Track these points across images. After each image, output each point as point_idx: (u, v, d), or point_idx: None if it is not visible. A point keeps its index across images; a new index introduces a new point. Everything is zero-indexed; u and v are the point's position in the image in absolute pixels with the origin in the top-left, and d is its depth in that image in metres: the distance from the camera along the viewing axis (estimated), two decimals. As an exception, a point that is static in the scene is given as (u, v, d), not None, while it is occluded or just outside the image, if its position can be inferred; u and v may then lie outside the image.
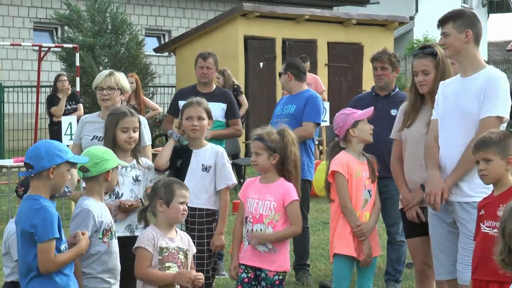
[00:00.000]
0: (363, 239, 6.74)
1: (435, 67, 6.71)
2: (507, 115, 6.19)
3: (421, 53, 6.84)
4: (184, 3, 26.17)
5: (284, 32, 21.99)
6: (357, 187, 6.80)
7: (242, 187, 6.75)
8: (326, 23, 23.01)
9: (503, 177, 5.57)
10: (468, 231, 5.98)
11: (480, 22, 6.38)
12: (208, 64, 9.74)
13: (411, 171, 6.79)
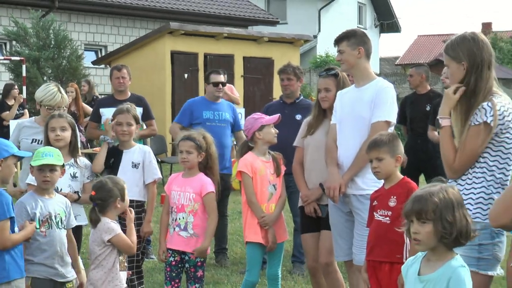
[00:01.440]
0: (267, 228, 6.75)
1: (336, 85, 6.74)
2: (394, 119, 6.26)
3: (325, 73, 6.89)
4: (118, 21, 25.96)
5: (205, 47, 21.98)
6: (262, 183, 6.80)
7: (167, 182, 6.75)
8: (242, 40, 23.05)
9: (392, 173, 5.61)
10: (362, 219, 6.02)
11: (370, 40, 6.44)
12: (122, 74, 9.80)
13: (312, 172, 6.80)
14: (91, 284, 5.68)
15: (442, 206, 3.78)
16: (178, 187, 6.55)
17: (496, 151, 4.69)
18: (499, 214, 3.32)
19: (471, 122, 4.67)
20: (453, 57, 4.80)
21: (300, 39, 24.44)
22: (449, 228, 3.77)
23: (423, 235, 3.82)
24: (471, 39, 4.78)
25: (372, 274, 5.55)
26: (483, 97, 4.69)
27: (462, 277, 3.74)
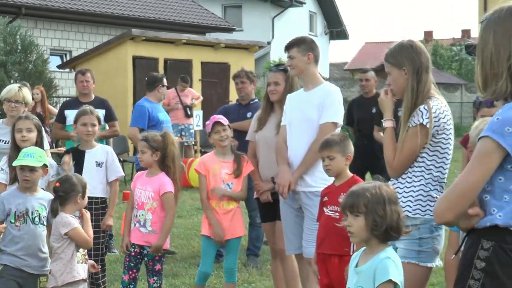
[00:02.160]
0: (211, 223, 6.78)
1: (285, 80, 6.77)
2: (341, 121, 6.29)
3: (275, 68, 6.93)
4: (82, 28, 25.77)
5: (165, 53, 21.92)
6: (215, 181, 6.81)
7: (133, 179, 6.76)
8: (200, 46, 23.01)
9: (343, 171, 5.64)
10: (311, 214, 6.03)
11: (318, 46, 6.47)
12: (86, 78, 9.82)
13: (264, 165, 6.83)
14: (52, 275, 5.66)
15: (374, 201, 3.81)
16: (140, 185, 6.54)
17: (433, 151, 4.73)
18: (443, 212, 3.32)
19: (409, 124, 4.70)
20: (394, 64, 4.82)
21: (254, 45, 24.47)
22: (380, 222, 3.79)
23: (355, 228, 3.86)
24: (409, 46, 4.82)
25: (321, 266, 5.56)
26: (422, 99, 4.72)
27: (387, 267, 3.76)
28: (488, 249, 3.30)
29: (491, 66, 3.36)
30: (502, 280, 3.27)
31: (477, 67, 3.46)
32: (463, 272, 3.36)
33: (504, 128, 3.22)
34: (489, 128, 3.26)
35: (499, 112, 3.29)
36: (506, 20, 3.36)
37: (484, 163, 3.25)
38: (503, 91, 3.35)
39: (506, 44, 3.32)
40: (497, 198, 3.31)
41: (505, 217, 3.28)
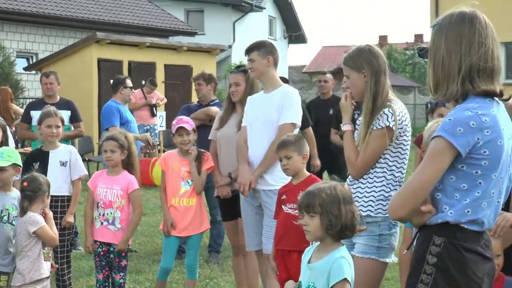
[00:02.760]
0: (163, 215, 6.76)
1: (245, 80, 6.77)
2: (299, 122, 6.29)
3: (235, 70, 6.94)
4: (48, 31, 25.53)
5: (129, 56, 21.86)
6: (173, 178, 6.76)
7: (90, 178, 6.67)
8: (163, 49, 22.99)
9: (300, 170, 5.63)
10: (271, 212, 6.01)
11: (277, 50, 6.47)
12: (50, 80, 9.80)
13: (225, 162, 6.81)
14: (19, 273, 5.61)
15: (329, 201, 3.81)
16: (104, 185, 6.47)
17: (395, 152, 4.74)
18: (397, 208, 3.33)
19: (373, 126, 4.69)
20: (353, 67, 4.80)
21: (216, 49, 24.50)
22: (335, 222, 3.80)
23: (311, 227, 3.86)
24: (368, 50, 4.82)
25: (280, 262, 5.55)
26: (381, 101, 4.72)
27: (342, 266, 3.78)
28: (440, 245, 3.31)
29: (443, 69, 3.37)
30: (452, 275, 3.28)
31: (429, 70, 3.46)
32: (415, 266, 3.37)
33: (456, 129, 3.23)
34: (441, 129, 3.27)
35: (451, 113, 3.30)
36: (456, 25, 3.37)
37: (436, 163, 3.26)
38: (453, 94, 3.36)
39: (457, 48, 3.34)
40: (448, 196, 3.32)
41: (455, 214, 3.30)
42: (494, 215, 3.38)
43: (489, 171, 3.29)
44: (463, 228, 3.30)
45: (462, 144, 3.22)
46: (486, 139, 3.25)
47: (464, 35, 3.34)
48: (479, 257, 3.33)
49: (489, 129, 3.26)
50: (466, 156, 3.25)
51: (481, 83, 3.32)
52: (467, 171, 3.28)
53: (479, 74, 3.32)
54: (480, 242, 3.35)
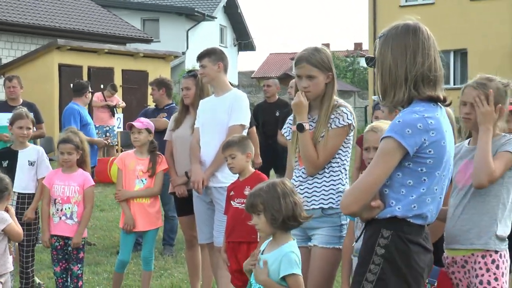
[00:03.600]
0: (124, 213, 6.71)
1: (195, 84, 6.77)
2: (248, 123, 6.32)
3: (186, 75, 6.94)
4: (11, 37, 25.04)
5: (89, 61, 21.70)
6: (129, 176, 6.73)
7: (46, 176, 6.58)
8: (121, 55, 22.85)
9: (245, 168, 5.65)
10: (221, 207, 6.01)
11: (227, 57, 6.46)
12: (13, 84, 9.76)
13: (180, 161, 6.78)
14: None
15: (269, 198, 3.85)
16: (61, 182, 6.39)
17: (346, 148, 4.70)
18: (349, 204, 3.35)
19: (331, 124, 4.63)
20: (321, 69, 4.65)
21: (170, 55, 24.42)
22: (277, 216, 3.83)
23: (260, 225, 3.89)
24: (329, 53, 4.76)
25: (231, 254, 5.56)
26: (332, 101, 4.68)
27: (291, 260, 3.82)
28: (388, 237, 3.33)
29: (390, 77, 3.39)
30: (399, 265, 3.31)
31: (377, 78, 3.48)
32: (365, 257, 3.39)
33: (405, 130, 3.26)
34: (391, 130, 3.30)
35: (400, 116, 3.32)
36: (401, 36, 3.40)
37: (386, 161, 3.28)
38: (400, 100, 3.39)
39: (403, 58, 3.36)
40: (395, 191, 3.35)
41: (403, 209, 3.32)
42: (436, 210, 3.42)
43: (433, 169, 3.33)
44: (409, 222, 3.33)
45: (410, 144, 3.26)
46: (432, 140, 3.29)
47: (409, 46, 3.37)
48: (421, 249, 3.38)
49: (434, 131, 3.29)
50: (413, 155, 3.29)
51: (425, 89, 3.36)
52: (413, 169, 3.32)
53: (424, 82, 3.36)
54: (422, 235, 3.40)
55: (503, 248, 4.00)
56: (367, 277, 3.34)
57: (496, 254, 3.96)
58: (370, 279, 3.33)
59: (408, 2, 30.86)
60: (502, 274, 3.93)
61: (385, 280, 3.31)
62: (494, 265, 3.95)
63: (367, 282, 3.33)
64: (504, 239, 3.99)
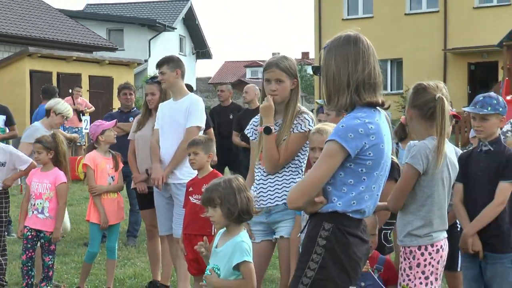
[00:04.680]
0: (100, 212, 6.61)
1: (159, 90, 6.71)
2: (203, 125, 6.29)
3: (150, 81, 6.89)
4: (-15, 45, 24.71)
5: (58, 68, 21.49)
6: (101, 175, 6.67)
7: (29, 175, 6.48)
8: (88, 62, 22.64)
9: (205, 166, 5.61)
10: (180, 202, 6.00)
11: (184, 64, 6.43)
12: None
13: (142, 160, 6.73)
14: None
15: (225, 193, 3.83)
16: (37, 179, 6.32)
17: (304, 151, 4.67)
18: (295, 199, 3.36)
19: (294, 129, 4.60)
20: (289, 74, 4.62)
21: (134, 62, 24.30)
22: (233, 209, 3.82)
23: (215, 217, 3.87)
24: (295, 63, 4.73)
25: (188, 245, 5.54)
26: (297, 108, 4.66)
27: (243, 249, 3.81)
28: (329, 230, 3.35)
29: (334, 84, 3.40)
30: (338, 255, 3.34)
31: (323, 85, 3.49)
32: (307, 248, 3.40)
33: (347, 134, 3.27)
34: (335, 133, 3.31)
35: (344, 121, 3.33)
36: (343, 47, 3.41)
37: (329, 162, 3.29)
38: (343, 104, 3.40)
39: (345, 66, 3.37)
40: (337, 189, 3.36)
41: (343, 205, 3.34)
42: (373, 206, 3.45)
43: (372, 169, 3.35)
44: (348, 216, 3.36)
45: (352, 147, 3.27)
46: (371, 143, 3.31)
47: (351, 54, 3.38)
48: (359, 240, 3.40)
49: (374, 135, 3.31)
50: (354, 157, 3.30)
51: (366, 95, 3.37)
52: (354, 169, 3.34)
53: (364, 88, 3.37)
54: (360, 227, 3.42)
55: (417, 243, 3.96)
56: (309, 266, 3.35)
57: (414, 247, 3.95)
58: (312, 267, 3.35)
59: (350, 15, 31.16)
60: (418, 265, 3.93)
61: (326, 268, 3.33)
62: (411, 256, 3.96)
63: (310, 270, 3.35)
64: (419, 235, 3.95)
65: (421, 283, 3.90)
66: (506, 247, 4.48)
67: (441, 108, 3.88)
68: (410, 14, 30.47)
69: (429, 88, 3.99)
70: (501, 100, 4.58)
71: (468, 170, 4.60)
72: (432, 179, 3.91)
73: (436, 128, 3.89)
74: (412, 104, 4.00)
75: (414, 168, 3.88)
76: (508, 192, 4.44)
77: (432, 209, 3.94)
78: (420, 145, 3.92)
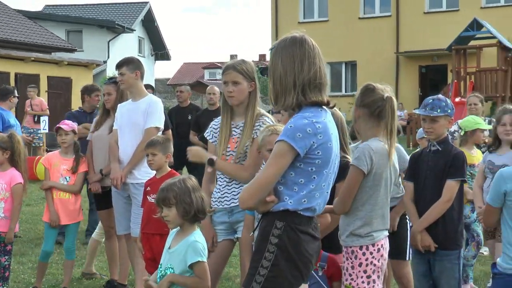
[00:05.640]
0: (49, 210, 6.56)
1: (116, 90, 6.65)
2: (162, 125, 6.25)
3: (107, 81, 6.83)
4: None
5: (16, 68, 21.20)
6: (54, 174, 6.61)
7: None
8: (46, 63, 22.38)
9: (163, 166, 5.61)
10: (138, 201, 5.96)
11: (143, 65, 6.41)
12: None
13: (98, 159, 6.66)
14: None
15: (181, 193, 3.83)
16: None
17: None
18: (246, 199, 3.36)
19: (256, 133, 4.57)
20: (246, 77, 4.62)
21: (93, 64, 24.09)
22: (188, 208, 3.82)
23: (170, 217, 3.86)
24: (253, 66, 4.71)
25: (146, 243, 5.50)
26: (256, 110, 4.64)
27: (197, 249, 3.81)
28: (281, 228, 3.35)
29: (281, 85, 3.40)
30: (290, 252, 3.35)
31: (270, 85, 3.49)
32: (260, 246, 3.40)
33: (296, 134, 3.28)
34: (284, 134, 3.31)
35: (292, 121, 3.34)
36: (289, 48, 3.42)
37: (279, 162, 3.29)
38: (290, 104, 3.41)
39: (291, 67, 3.38)
40: (289, 188, 3.37)
41: (294, 204, 3.35)
42: (323, 203, 3.46)
43: (321, 168, 3.36)
44: (299, 214, 3.36)
45: (301, 146, 3.28)
46: (319, 142, 3.32)
47: (297, 55, 3.39)
48: (310, 237, 3.41)
49: (322, 134, 3.32)
50: (303, 156, 3.31)
51: (312, 95, 3.38)
52: (304, 168, 3.34)
53: (310, 88, 3.38)
54: (311, 225, 3.44)
55: (359, 243, 3.98)
56: (262, 264, 3.36)
57: (356, 247, 3.99)
58: (265, 265, 3.36)
59: (306, 19, 31.33)
60: (360, 264, 3.96)
61: (278, 266, 3.34)
62: (353, 255, 3.99)
63: (263, 268, 3.36)
64: (360, 235, 3.98)
65: (363, 282, 3.93)
66: (454, 244, 4.56)
67: (390, 107, 3.93)
68: (364, 18, 30.79)
69: (377, 88, 4.05)
70: (449, 102, 4.69)
71: (418, 170, 4.68)
72: (375, 179, 3.94)
73: (386, 127, 3.94)
74: (361, 104, 4.02)
75: (358, 169, 3.91)
76: (455, 190, 4.52)
77: (374, 209, 3.97)
78: (363, 146, 3.95)
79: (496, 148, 6.03)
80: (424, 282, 4.66)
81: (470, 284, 6.55)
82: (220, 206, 4.65)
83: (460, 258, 4.57)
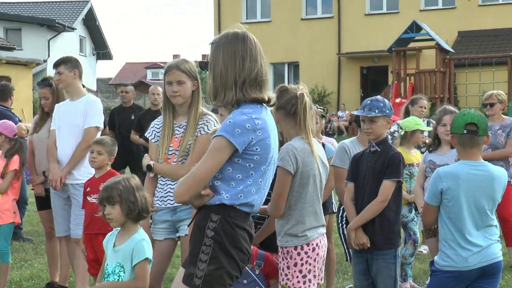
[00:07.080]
0: None
1: (51, 93, 6.56)
2: (101, 125, 6.17)
3: (41, 84, 6.69)
4: None
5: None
6: None
7: None
8: (-16, 61, 21.83)
9: (104, 166, 5.55)
10: (78, 202, 5.88)
11: (81, 65, 6.32)
12: None
13: (39, 161, 6.55)
14: None
15: (125, 191, 3.82)
16: None
17: None
18: (182, 193, 3.35)
19: (200, 130, 4.59)
20: (190, 76, 4.62)
21: (32, 62, 23.61)
22: (132, 207, 3.82)
23: (114, 215, 3.85)
24: (194, 65, 4.72)
25: (88, 245, 5.45)
26: (199, 109, 4.66)
27: (143, 247, 3.82)
28: (216, 221, 3.36)
29: (221, 80, 3.40)
30: (227, 246, 3.36)
31: (209, 81, 3.48)
32: (197, 239, 3.40)
33: (235, 130, 3.29)
34: (223, 129, 3.31)
35: (231, 117, 3.35)
36: (231, 43, 3.41)
37: (217, 156, 3.30)
38: (229, 100, 3.41)
39: (233, 63, 3.38)
40: (226, 184, 3.37)
41: (231, 198, 3.36)
42: (260, 199, 3.48)
43: (259, 164, 3.38)
44: (236, 208, 3.38)
45: (239, 142, 3.29)
46: (258, 138, 3.33)
47: (238, 51, 3.39)
48: (246, 233, 3.44)
49: (261, 131, 3.34)
50: (242, 152, 3.32)
51: (252, 92, 3.39)
52: (242, 164, 3.35)
53: (251, 85, 3.39)
54: (248, 222, 3.46)
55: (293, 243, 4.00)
56: (201, 258, 3.37)
57: (290, 247, 4.01)
58: (203, 259, 3.36)
59: (248, 19, 31.39)
60: (295, 264, 3.98)
61: (217, 258, 3.36)
62: (288, 255, 4.02)
63: (202, 262, 3.36)
64: (295, 234, 4.00)
65: (298, 282, 3.96)
66: (389, 243, 4.63)
67: (302, 103, 3.96)
68: (306, 19, 31.04)
69: (290, 88, 4.09)
70: (387, 102, 4.77)
71: (359, 170, 4.75)
72: (302, 177, 3.96)
73: (299, 124, 3.96)
74: (277, 106, 4.02)
75: (285, 170, 3.91)
76: (390, 190, 4.59)
77: (304, 207, 3.99)
78: (286, 146, 3.97)
79: (436, 148, 6.15)
80: (364, 281, 4.72)
81: (410, 282, 6.66)
82: (163, 205, 4.64)
83: (396, 257, 4.65)
